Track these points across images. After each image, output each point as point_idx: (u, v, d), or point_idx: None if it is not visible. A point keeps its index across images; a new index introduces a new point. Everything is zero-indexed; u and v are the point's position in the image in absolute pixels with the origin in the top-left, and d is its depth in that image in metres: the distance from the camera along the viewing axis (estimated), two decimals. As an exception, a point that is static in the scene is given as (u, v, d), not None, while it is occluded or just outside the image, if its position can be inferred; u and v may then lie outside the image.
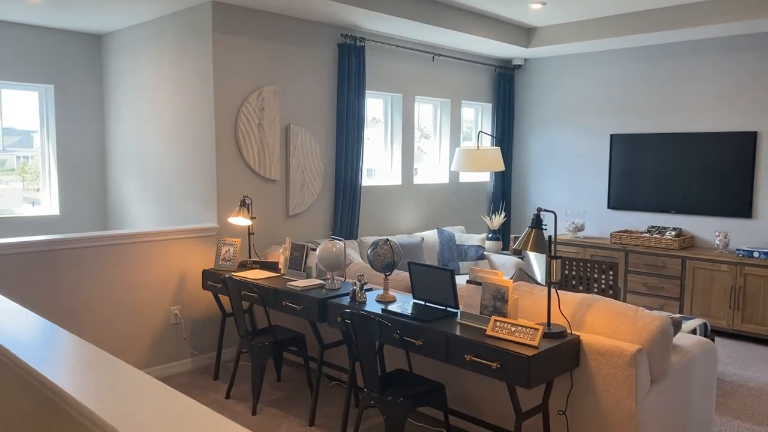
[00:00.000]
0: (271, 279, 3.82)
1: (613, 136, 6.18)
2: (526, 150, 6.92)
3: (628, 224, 6.17)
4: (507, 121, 6.85)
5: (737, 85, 5.39)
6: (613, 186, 6.21)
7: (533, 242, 2.62)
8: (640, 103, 5.99)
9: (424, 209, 6.09)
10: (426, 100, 6.19)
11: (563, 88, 6.54)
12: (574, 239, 6.13)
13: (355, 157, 5.23)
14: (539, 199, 6.82)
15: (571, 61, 6.45)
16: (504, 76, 6.74)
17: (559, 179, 6.65)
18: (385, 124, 5.86)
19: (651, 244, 5.64)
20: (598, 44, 5.85)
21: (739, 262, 5.10)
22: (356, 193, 5.26)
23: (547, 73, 6.65)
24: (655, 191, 5.91)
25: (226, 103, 4.39)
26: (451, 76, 6.25)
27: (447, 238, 5.67)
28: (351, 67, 5.12)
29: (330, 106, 5.12)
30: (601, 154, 6.31)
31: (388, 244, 3.22)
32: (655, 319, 2.65)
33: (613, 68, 6.14)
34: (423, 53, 5.90)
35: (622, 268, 5.79)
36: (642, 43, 5.77)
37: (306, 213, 5.00)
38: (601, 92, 6.26)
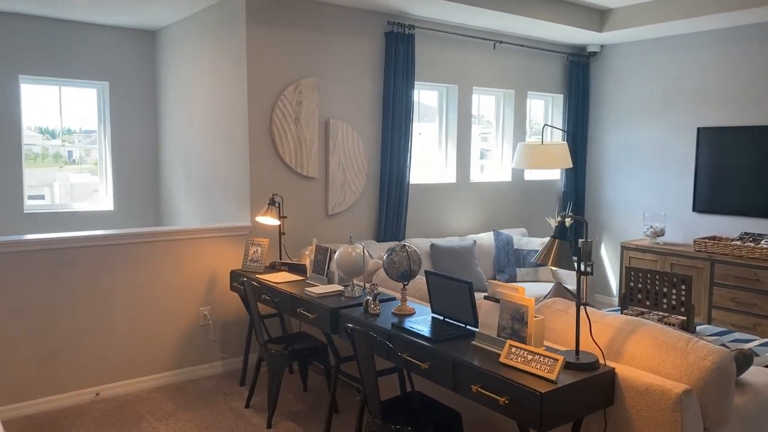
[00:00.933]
0: (294, 283, 3.59)
1: (700, 130, 5.44)
2: (601, 145, 6.29)
3: (716, 230, 5.42)
4: (581, 114, 6.25)
5: None
6: (699, 186, 5.48)
7: (556, 256, 2.20)
8: (734, 91, 5.23)
9: (482, 210, 5.66)
10: (486, 91, 5.74)
11: (644, 77, 5.86)
12: (652, 245, 5.47)
13: (403, 153, 4.91)
14: (615, 200, 6.17)
15: (652, 45, 5.76)
16: (577, 65, 6.15)
17: (638, 178, 5.97)
18: (439, 118, 5.48)
19: (742, 253, 4.89)
20: (683, 25, 5.16)
21: None
22: (403, 191, 4.94)
23: (626, 60, 5.99)
24: (750, 193, 5.14)
25: (260, 96, 4.21)
26: (514, 65, 5.76)
27: (504, 242, 5.22)
28: (399, 56, 4.79)
29: (375, 99, 4.83)
30: (687, 150, 5.59)
31: (404, 251, 2.88)
32: (711, 353, 2.14)
33: (702, 52, 5.40)
34: (482, 40, 5.46)
35: (707, 279, 5.08)
36: (737, 21, 5.02)
37: (347, 212, 4.74)
38: (687, 80, 5.54)
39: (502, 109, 5.91)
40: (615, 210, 6.17)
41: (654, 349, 2.25)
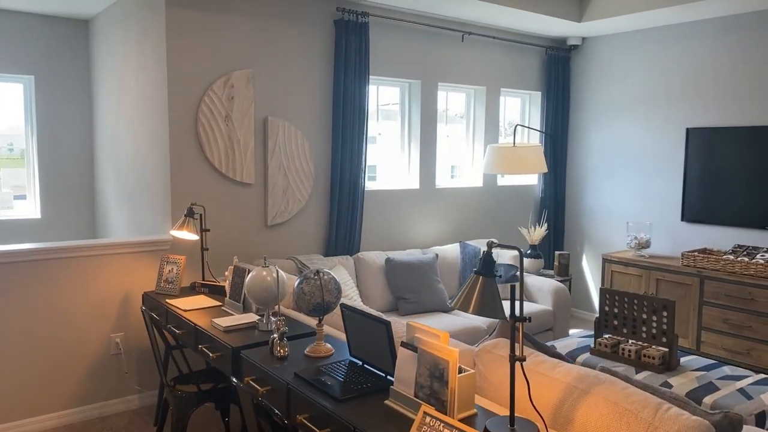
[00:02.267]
0: (206, 311, 3.05)
1: (690, 131, 4.92)
2: (583, 147, 5.76)
3: (707, 242, 4.90)
4: (561, 113, 5.72)
5: None
6: (688, 193, 4.95)
7: (478, 300, 1.65)
8: (727, 88, 4.70)
9: (449, 219, 5.12)
10: (454, 88, 5.21)
11: (629, 72, 5.33)
12: (636, 258, 4.94)
13: (357, 155, 4.38)
14: (598, 207, 5.65)
15: (637, 37, 5.23)
16: (557, 59, 5.62)
17: (623, 183, 5.45)
18: (401, 117, 4.95)
19: (735, 269, 4.37)
20: (671, 14, 4.63)
21: None
22: (357, 198, 4.40)
23: (610, 53, 5.46)
24: (745, 201, 4.61)
25: (182, 90, 3.68)
26: (486, 59, 5.23)
27: (470, 255, 4.69)
28: (350, 47, 4.26)
29: (324, 95, 4.29)
30: (675, 153, 5.06)
31: (318, 278, 2.35)
32: (685, 428, 1.61)
33: (692, 45, 4.88)
34: (449, 31, 4.93)
35: (696, 298, 4.55)
36: (731, 10, 4.49)
37: (291, 223, 4.21)
38: (676, 76, 5.01)
39: (472, 107, 5.38)
40: (597, 218, 5.65)
41: (612, 419, 1.71)
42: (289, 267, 3.92)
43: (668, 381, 3.09)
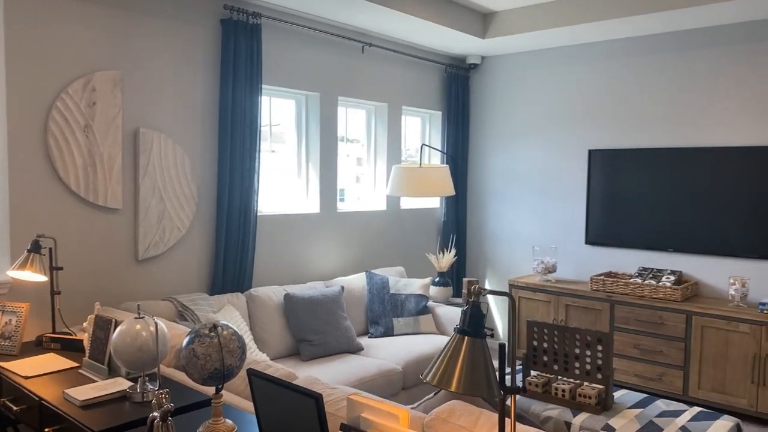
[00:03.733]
0: (57, 376, 2.32)
1: (591, 153, 4.86)
2: (484, 169, 5.56)
3: (611, 265, 4.83)
4: (461, 134, 5.49)
5: (761, 85, 4.13)
6: (592, 216, 4.88)
7: (466, 372, 1.19)
8: (629, 109, 4.69)
9: (352, 246, 4.65)
10: (355, 103, 4.79)
11: (530, 93, 5.22)
12: (543, 284, 4.76)
13: (248, 175, 3.79)
14: (501, 231, 5.45)
15: (539, 57, 5.14)
16: (456, 78, 5.40)
17: (526, 206, 5.29)
18: (297, 133, 4.43)
19: (645, 292, 4.29)
20: (574, 34, 4.55)
21: (764, 320, 3.79)
22: (249, 225, 3.80)
23: (510, 73, 5.33)
24: (648, 223, 4.59)
25: (26, 93, 2.91)
26: (387, 74, 4.87)
27: (378, 285, 4.24)
28: (240, 52, 3.69)
29: (208, 106, 3.68)
30: (578, 175, 4.98)
31: (214, 336, 1.76)
32: None
33: (595, 66, 4.84)
34: (349, 41, 4.51)
35: (606, 323, 4.43)
36: (631, 32, 4.49)
37: (169, 255, 3.52)
38: (577, 97, 4.95)
39: (373, 125, 4.99)
40: (500, 242, 5.45)
41: None
42: (166, 310, 3.23)
43: (609, 423, 2.80)
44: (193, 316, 3.25)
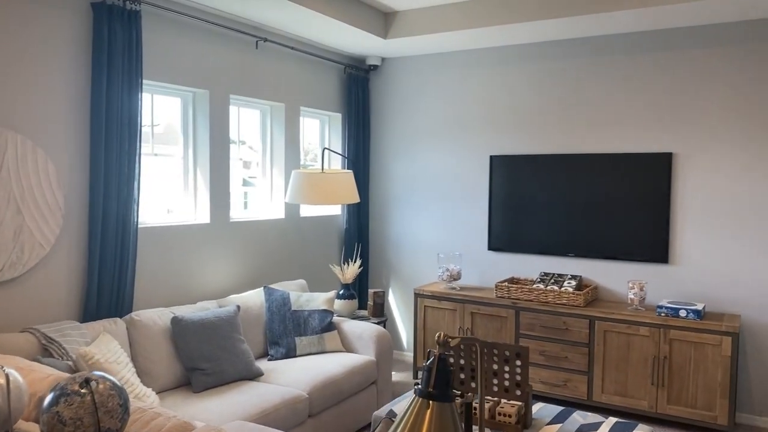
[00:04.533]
0: None
1: (493, 158, 4.81)
2: (386, 174, 5.37)
3: (514, 270, 4.81)
4: (362, 138, 5.27)
5: (651, 94, 4.25)
6: (494, 222, 4.83)
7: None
8: (528, 116, 4.69)
9: (248, 259, 4.27)
10: (247, 102, 4.41)
11: (431, 97, 5.10)
12: (448, 292, 4.64)
13: (126, 182, 3.31)
14: (404, 238, 5.28)
15: (441, 60, 5.03)
16: (356, 79, 5.17)
17: (429, 212, 5.16)
18: (184, 135, 3.98)
19: (548, 298, 4.29)
20: (476, 38, 4.47)
21: (662, 323, 3.88)
22: (129, 238, 3.32)
23: (411, 76, 5.18)
24: (548, 229, 4.61)
25: None
26: (285, 72, 4.54)
27: (278, 302, 3.90)
28: (116, 42, 3.21)
29: (77, 102, 3.17)
30: (481, 181, 4.92)
31: (87, 393, 1.38)
32: None
33: (495, 71, 4.80)
34: (242, 35, 4.14)
35: (512, 330, 4.38)
36: (532, 38, 4.48)
37: (29, 278, 2.97)
38: (479, 102, 4.89)
39: (269, 127, 4.63)
40: (404, 250, 5.28)
41: None
42: (26, 345, 2.71)
43: (531, 443, 2.68)
44: (61, 350, 2.75)
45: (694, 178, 4.12)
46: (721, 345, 3.72)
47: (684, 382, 3.84)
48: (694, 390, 3.81)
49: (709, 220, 4.08)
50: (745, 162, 3.96)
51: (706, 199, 4.09)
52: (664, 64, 4.17)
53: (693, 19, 3.90)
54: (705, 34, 4.03)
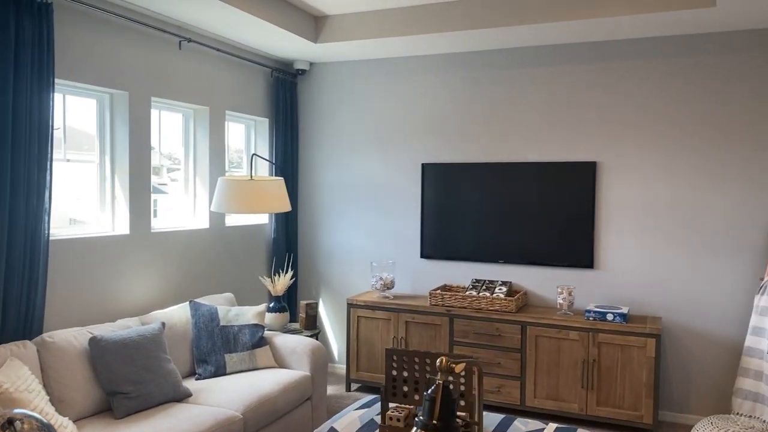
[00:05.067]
0: None
1: (425, 166, 4.81)
2: (316, 182, 5.24)
3: (446, 278, 4.82)
4: (290, 145, 5.11)
5: (577, 105, 4.38)
6: (426, 229, 4.83)
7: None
8: (459, 124, 4.72)
9: (171, 271, 4.01)
10: (170, 105, 4.16)
11: (362, 103, 5.03)
12: (382, 301, 4.58)
13: (36, 191, 3.00)
14: (336, 247, 5.17)
15: (372, 67, 4.98)
16: (284, 84, 5.02)
17: (361, 220, 5.08)
18: (100, 140, 3.69)
19: (482, 305, 4.32)
20: (408, 45, 4.46)
21: (591, 327, 4.00)
22: (38, 252, 3.02)
23: (341, 82, 5.10)
24: (479, 236, 4.65)
25: None
26: (209, 74, 4.33)
27: (206, 317, 3.68)
28: (23, 37, 2.92)
29: (-21, 101, 2.84)
30: (413, 189, 4.90)
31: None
32: None
33: (426, 78, 4.80)
34: (165, 34, 3.90)
35: (446, 338, 4.38)
36: (461, 47, 4.52)
37: None
38: (411, 109, 4.87)
39: (192, 131, 4.39)
40: (336, 260, 5.17)
41: None
42: None
43: (477, 454, 2.65)
44: (-40, 381, 2.43)
45: (616, 186, 4.28)
46: (646, 346, 3.87)
47: (612, 384, 3.96)
48: (622, 391, 3.94)
49: (630, 226, 4.25)
50: (663, 171, 4.16)
51: (626, 206, 4.26)
52: (588, 77, 4.32)
53: (615, 34, 4.06)
54: (626, 49, 4.20)
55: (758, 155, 3.93)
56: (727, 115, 3.99)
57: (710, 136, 4.04)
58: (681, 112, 4.09)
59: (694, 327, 4.12)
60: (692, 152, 4.08)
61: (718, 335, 4.06)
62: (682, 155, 4.11)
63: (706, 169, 4.06)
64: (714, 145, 4.03)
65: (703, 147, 4.06)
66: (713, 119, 4.02)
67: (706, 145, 4.05)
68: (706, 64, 4.02)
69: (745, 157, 3.96)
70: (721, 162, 4.02)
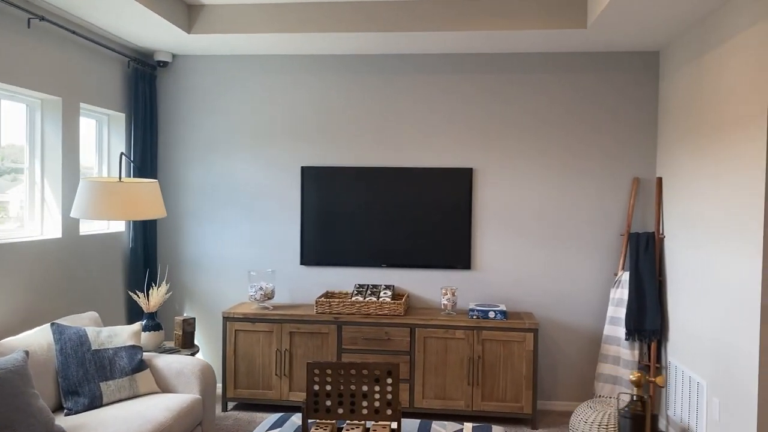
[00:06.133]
0: None
1: (305, 169, 4.65)
2: (180, 186, 4.79)
3: (328, 284, 4.70)
4: (149, 144, 4.61)
5: (455, 114, 4.54)
6: (306, 235, 4.66)
7: None
8: (341, 127, 4.64)
9: (19, 291, 3.36)
10: (12, 93, 3.51)
11: (236, 101, 4.71)
12: (263, 312, 4.32)
13: None
14: (202, 257, 4.77)
15: (248, 63, 4.69)
16: (143, 76, 4.52)
17: (234, 227, 4.75)
18: (-73, 130, 2.98)
19: (370, 310, 4.28)
20: (290, 43, 4.27)
21: (475, 325, 4.17)
22: None
23: (212, 77, 4.73)
24: (361, 240, 4.61)
25: None
26: (63, 60, 3.73)
27: (74, 342, 3.14)
28: None
29: None
30: (292, 193, 4.71)
31: None
32: None
33: (307, 79, 4.64)
34: (10, 8, 3.27)
35: (334, 346, 4.26)
36: (348, 49, 4.45)
37: None
38: (290, 110, 4.68)
39: (39, 125, 3.75)
40: (205, 270, 4.77)
41: None
42: None
43: (411, 462, 2.59)
44: None
45: (490, 191, 4.53)
46: (525, 341, 4.13)
47: (495, 379, 4.17)
48: (504, 385, 4.17)
49: (503, 228, 4.52)
50: (532, 178, 4.49)
51: (500, 210, 4.52)
52: (467, 88, 4.51)
53: (494, 48, 4.29)
54: (503, 63, 4.47)
55: (610, 164, 4.42)
56: (587, 128, 4.43)
57: (573, 147, 4.45)
58: (548, 124, 4.46)
59: (559, 320, 4.50)
60: (558, 161, 4.46)
61: (580, 326, 4.49)
62: (549, 163, 4.47)
63: (569, 176, 4.46)
64: (575, 155, 4.45)
65: (567, 156, 4.46)
66: (575, 132, 4.44)
67: (569, 154, 4.46)
68: (570, 81, 4.43)
69: (600, 166, 4.43)
70: (581, 170, 4.45)
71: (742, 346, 3.04)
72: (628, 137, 4.40)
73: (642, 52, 4.36)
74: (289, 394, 4.31)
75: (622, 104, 4.39)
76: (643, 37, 3.96)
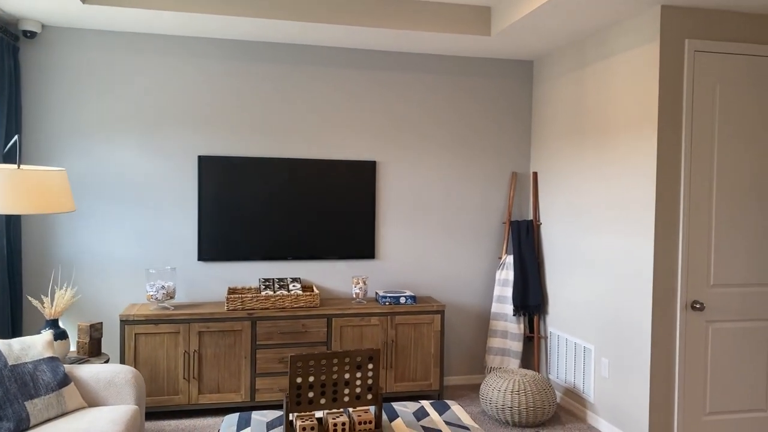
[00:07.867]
0: None
1: (202, 159, 4.39)
2: (50, 175, 4.17)
3: (230, 280, 4.50)
4: (13, 124, 3.96)
5: (360, 107, 4.65)
6: (204, 229, 4.41)
7: None
8: (242, 116, 4.46)
9: None
10: None
11: (123, 82, 4.25)
12: (167, 313, 4.00)
13: None
14: (83, 255, 4.23)
15: (142, 41, 4.25)
16: (7, 47, 3.87)
17: (120, 221, 4.29)
18: None
19: (285, 303, 4.21)
20: (191, 23, 4.00)
21: (389, 311, 4.35)
22: None
23: (94, 53, 4.20)
24: (265, 233, 4.50)
25: None
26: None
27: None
28: None
29: None
30: (187, 184, 4.40)
31: None
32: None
33: (205, 64, 4.37)
34: None
35: (248, 343, 4.12)
36: (256, 36, 4.29)
37: None
38: (185, 95, 4.36)
39: None
40: (85, 269, 4.23)
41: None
42: None
43: (401, 441, 2.71)
44: None
45: (391, 183, 4.74)
46: (433, 322, 4.43)
47: (407, 360, 4.40)
48: (415, 365, 4.42)
49: (404, 218, 4.77)
50: (429, 170, 4.80)
51: (400, 201, 4.76)
52: (372, 83, 4.65)
53: (401, 46, 4.50)
54: (408, 61, 4.69)
55: (492, 160, 4.92)
56: (473, 127, 4.87)
57: (463, 144, 4.85)
58: (442, 122, 4.80)
59: (454, 301, 4.89)
60: (449, 156, 4.83)
61: (471, 306, 4.92)
62: (442, 158, 4.82)
63: (459, 170, 4.86)
64: (464, 151, 4.86)
65: (458, 152, 4.85)
66: (464, 130, 4.85)
67: (459, 151, 4.85)
68: (462, 83, 4.82)
69: (484, 162, 4.91)
70: (468, 165, 4.88)
71: (634, 311, 3.67)
72: (508, 136, 4.94)
73: (520, 61, 4.92)
74: (199, 397, 4.06)
75: (502, 106, 4.91)
76: (524, 47, 4.48)
